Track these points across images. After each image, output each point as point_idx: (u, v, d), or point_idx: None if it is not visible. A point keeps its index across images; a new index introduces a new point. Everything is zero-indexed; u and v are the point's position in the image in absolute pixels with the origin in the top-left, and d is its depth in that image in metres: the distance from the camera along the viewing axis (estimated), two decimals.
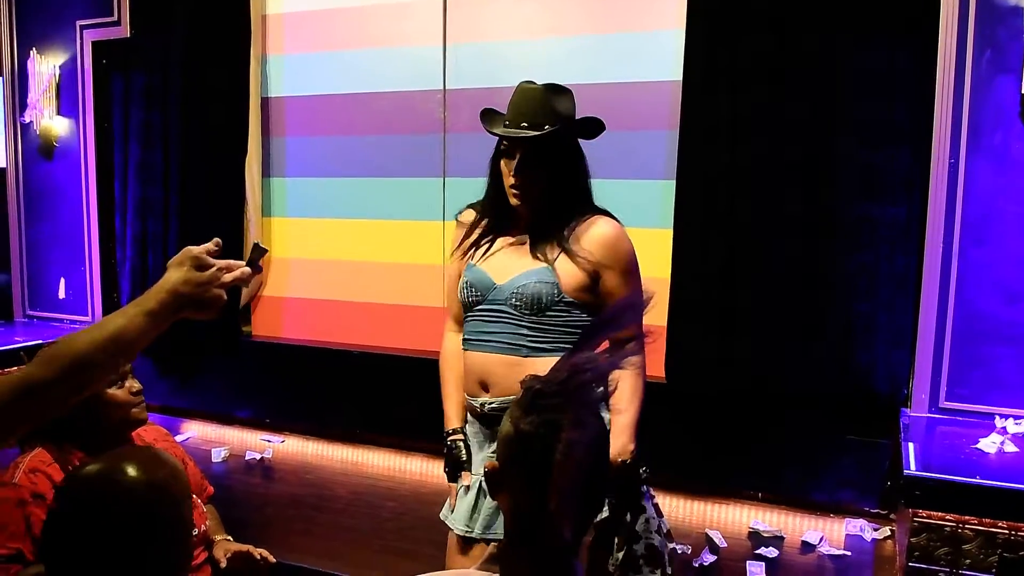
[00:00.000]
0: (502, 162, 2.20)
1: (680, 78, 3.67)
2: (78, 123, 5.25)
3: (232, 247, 4.74)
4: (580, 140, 2.22)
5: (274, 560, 2.34)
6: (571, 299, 2.16)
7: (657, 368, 3.64)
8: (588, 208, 2.25)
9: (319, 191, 4.77)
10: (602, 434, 1.29)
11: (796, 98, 3.46)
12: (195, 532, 2.23)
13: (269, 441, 4.60)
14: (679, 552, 3.24)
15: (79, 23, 5.15)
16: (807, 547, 3.33)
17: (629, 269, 2.21)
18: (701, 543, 3.35)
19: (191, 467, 2.47)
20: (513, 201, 2.18)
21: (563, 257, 2.16)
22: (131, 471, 1.31)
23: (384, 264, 4.61)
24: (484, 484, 2.07)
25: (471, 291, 2.23)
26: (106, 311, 5.22)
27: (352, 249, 4.70)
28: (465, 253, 2.29)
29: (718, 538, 3.37)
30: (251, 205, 4.82)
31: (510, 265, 2.21)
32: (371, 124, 4.57)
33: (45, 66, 5.25)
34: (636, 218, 3.89)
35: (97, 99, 5.19)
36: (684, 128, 3.65)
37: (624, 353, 1.30)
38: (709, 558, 3.22)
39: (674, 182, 3.71)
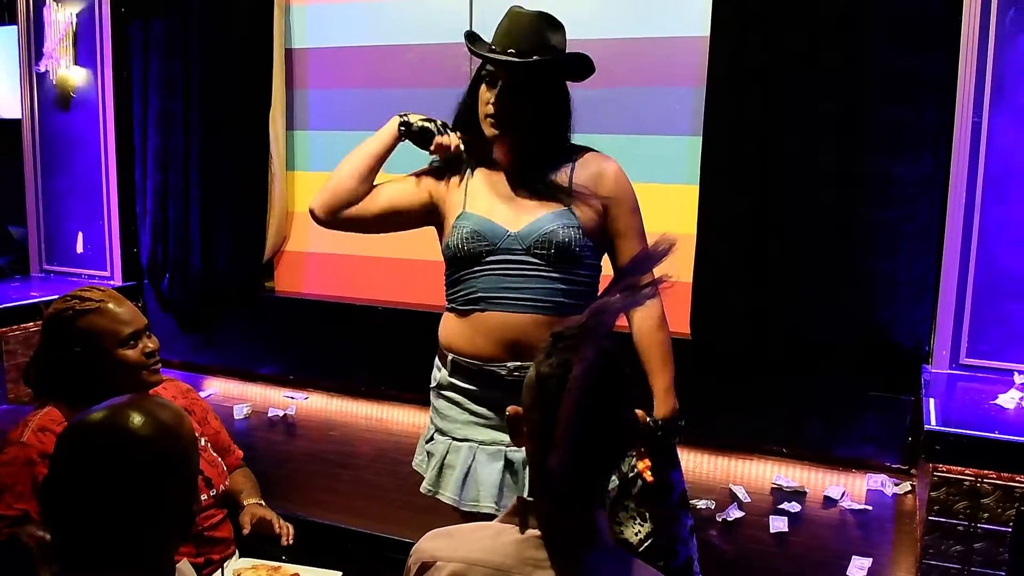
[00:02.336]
0: (482, 88, 2.16)
1: (707, 33, 3.89)
2: (96, 73, 5.39)
3: (257, 201, 4.99)
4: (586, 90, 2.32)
5: (292, 541, 2.39)
6: (591, 243, 2.17)
7: (682, 324, 3.91)
8: (575, 146, 2.25)
9: (343, 145, 4.80)
10: (618, 381, 1.33)
11: (823, 52, 3.67)
12: (213, 492, 2.33)
13: (292, 398, 4.82)
14: (703, 508, 3.50)
15: None
16: (829, 502, 3.61)
17: (636, 205, 2.25)
18: (725, 498, 3.62)
19: (215, 425, 2.54)
20: (488, 132, 2.15)
21: (576, 197, 2.15)
22: (134, 417, 1.31)
23: None
24: (478, 454, 2.22)
25: (477, 241, 2.16)
26: (125, 266, 5.45)
27: None
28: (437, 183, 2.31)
29: (742, 493, 3.65)
30: (275, 158, 4.99)
31: (515, 209, 2.18)
32: (396, 77, 4.73)
33: (62, 14, 5.40)
34: (662, 174, 4.17)
35: (115, 48, 5.32)
36: (711, 83, 3.88)
37: (642, 293, 1.40)
38: (735, 513, 3.49)
39: (700, 138, 3.95)
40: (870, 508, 3.55)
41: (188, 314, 5.25)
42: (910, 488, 3.67)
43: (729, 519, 3.46)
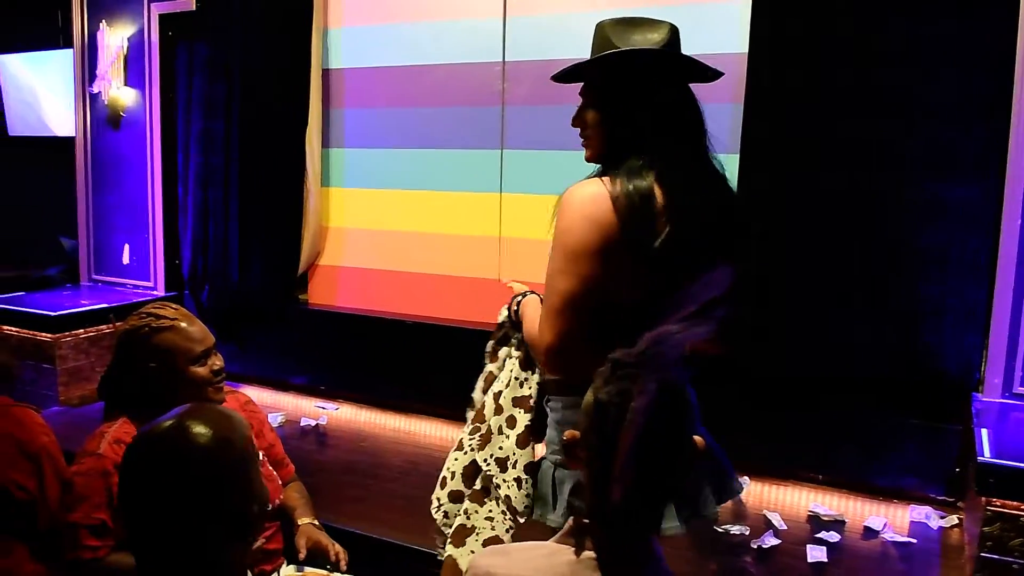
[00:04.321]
0: None
1: (745, 50, 3.40)
2: (144, 93, 5.13)
3: (293, 217, 4.66)
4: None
5: (346, 568, 2.22)
6: None
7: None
8: (624, 170, 1.69)
9: (377, 162, 4.60)
10: (680, 410, 1.19)
11: (867, 69, 3.17)
12: (268, 506, 2.14)
13: (324, 408, 4.46)
14: (736, 533, 3.03)
15: None
16: (870, 532, 3.07)
17: (556, 240, 1.68)
18: (759, 525, 3.11)
19: (270, 438, 2.40)
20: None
21: None
22: (197, 427, 1.28)
23: (440, 235, 4.42)
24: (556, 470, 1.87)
25: None
26: (167, 277, 5.18)
27: (409, 220, 4.52)
28: None
29: (777, 520, 3.13)
30: (311, 175, 4.67)
31: None
32: (430, 96, 4.37)
33: (114, 38, 5.16)
34: None
35: (163, 70, 5.07)
36: (749, 100, 3.38)
37: (702, 326, 1.17)
38: (770, 541, 2.98)
39: (737, 156, 3.44)
40: (914, 541, 2.99)
41: (226, 324, 4.89)
42: (957, 521, 3.10)
43: (764, 546, 2.95)
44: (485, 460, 1.96)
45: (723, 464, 1.89)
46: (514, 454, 1.92)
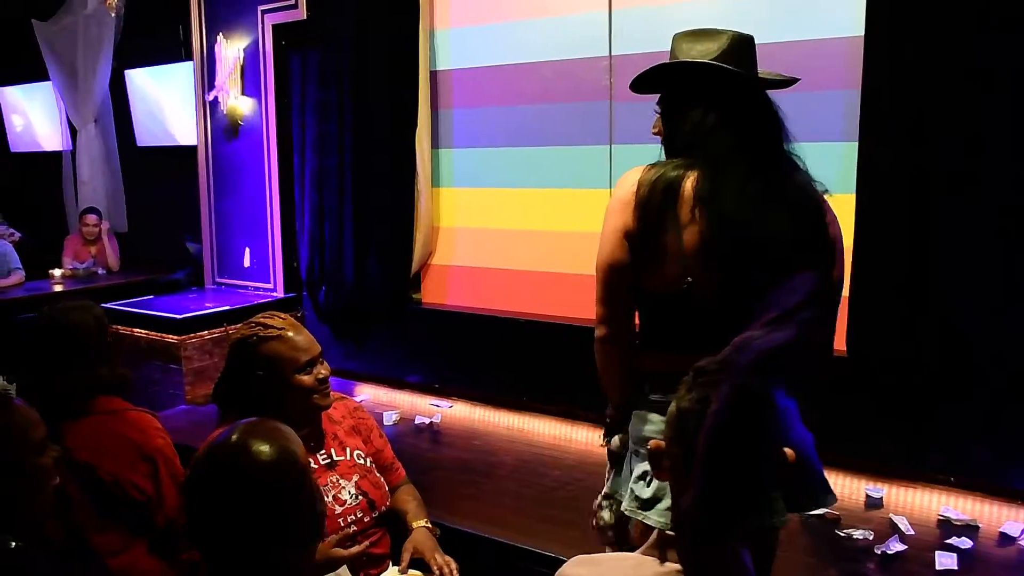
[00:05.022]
0: None
1: (861, 33, 3.29)
2: (260, 101, 5.34)
3: (405, 217, 4.76)
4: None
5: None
6: None
7: (838, 340, 3.29)
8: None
9: (486, 161, 4.66)
10: (759, 418, 1.16)
11: (989, 50, 3.00)
12: (375, 514, 2.24)
13: (438, 406, 4.54)
14: (859, 538, 2.94)
15: (260, 8, 5.25)
16: (1006, 539, 2.93)
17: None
18: (884, 529, 3.01)
19: (378, 444, 2.42)
20: None
21: None
22: (258, 445, 1.34)
23: (550, 233, 4.44)
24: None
25: None
26: (286, 279, 5.37)
27: (518, 218, 4.56)
28: None
29: (904, 525, 3.02)
30: (421, 176, 4.76)
31: None
32: (537, 93, 4.38)
33: (231, 50, 5.38)
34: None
35: (277, 78, 5.26)
36: (867, 86, 3.27)
37: (784, 330, 1.18)
38: (896, 546, 2.87)
39: (856, 144, 3.34)
40: None
41: (341, 323, 5.08)
42: None
43: (889, 552, 2.84)
44: None
45: (812, 474, 1.86)
46: None
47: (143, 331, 4.95)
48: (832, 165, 3.50)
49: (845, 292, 3.27)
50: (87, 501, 2.19)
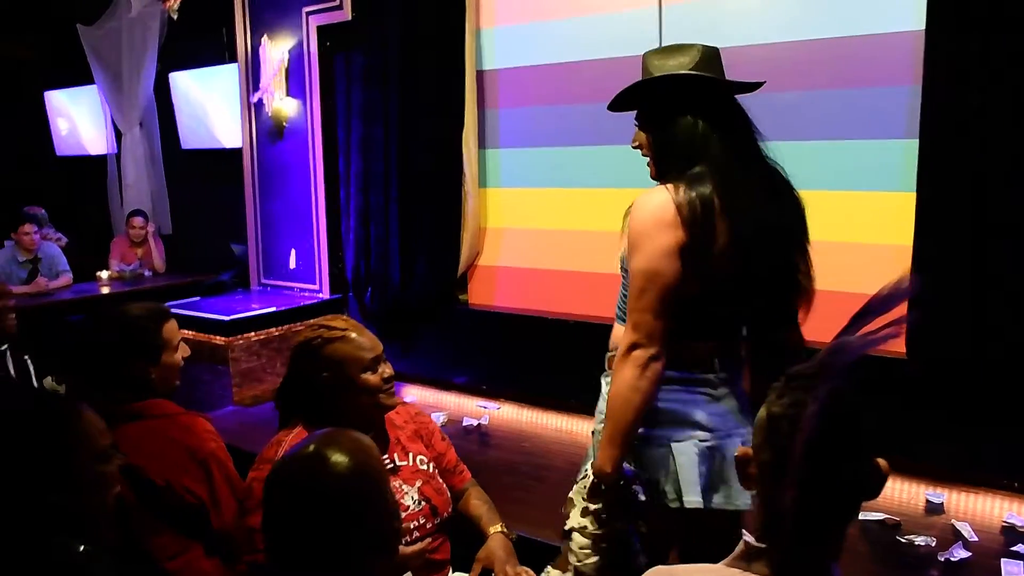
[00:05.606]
0: None
1: (922, 27, 3.26)
2: (305, 103, 5.40)
3: (452, 218, 4.78)
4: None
5: None
6: (625, 266, 2.02)
7: (897, 341, 3.26)
8: (676, 176, 1.92)
9: (533, 161, 4.68)
10: (855, 425, 1.16)
11: None
12: (437, 520, 2.24)
13: (485, 408, 4.56)
14: (921, 545, 2.90)
15: (305, 9, 5.31)
16: None
17: (633, 247, 1.91)
18: (947, 536, 2.98)
19: (440, 447, 2.41)
20: None
21: None
22: (336, 455, 1.37)
23: (598, 233, 4.43)
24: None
25: None
26: (332, 280, 5.43)
27: (566, 218, 4.58)
28: None
29: (967, 531, 2.99)
30: (468, 177, 4.79)
31: None
32: (584, 92, 4.38)
33: (275, 51, 5.46)
34: (872, 181, 3.58)
35: (322, 80, 5.32)
36: (928, 81, 3.24)
37: (881, 334, 1.16)
38: (959, 553, 2.84)
39: (916, 141, 3.31)
40: None
41: (388, 325, 5.10)
42: None
43: (953, 559, 2.81)
44: None
45: None
46: None
47: (190, 332, 5.03)
48: (892, 162, 3.48)
49: None
50: (142, 505, 2.19)
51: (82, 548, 1.51)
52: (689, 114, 1.92)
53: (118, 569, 1.72)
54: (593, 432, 2.11)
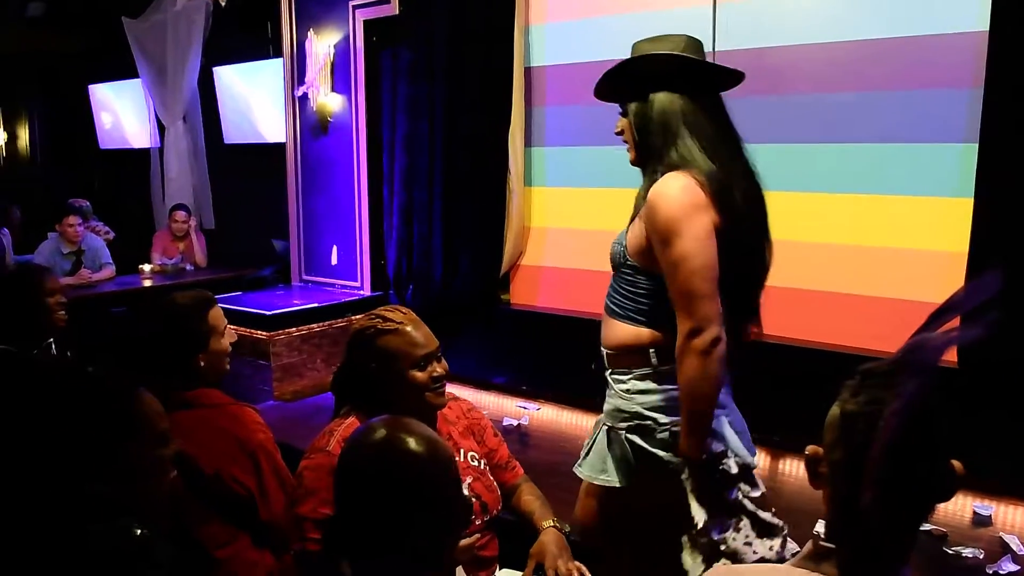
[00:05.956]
0: None
1: (986, 28, 3.23)
2: (350, 98, 5.44)
3: (496, 217, 4.79)
4: None
5: None
6: (633, 263, 2.09)
7: (949, 352, 3.22)
8: (666, 165, 2.01)
9: (580, 160, 4.67)
10: (936, 424, 1.15)
11: None
12: (487, 517, 2.23)
13: (525, 408, 4.56)
14: (969, 557, 2.87)
15: (351, 3, 5.35)
16: None
17: (666, 236, 1.93)
18: (995, 548, 2.94)
19: (492, 443, 2.41)
20: None
21: (637, 219, 2.08)
22: (408, 439, 1.38)
23: None
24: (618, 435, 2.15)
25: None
26: (373, 277, 5.46)
27: (612, 219, 4.49)
28: None
29: (1015, 544, 2.95)
30: (513, 175, 4.79)
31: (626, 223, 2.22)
32: None
33: (321, 46, 5.49)
34: (927, 186, 3.54)
35: (368, 75, 5.35)
36: (990, 84, 3.20)
37: (966, 331, 1.16)
38: (1008, 566, 2.80)
39: (976, 145, 3.28)
40: None
41: (429, 323, 5.01)
42: None
43: (1002, 572, 2.78)
44: None
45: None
46: None
47: (232, 327, 5.07)
48: (949, 167, 3.45)
49: None
50: (191, 494, 2.21)
51: (139, 531, 1.53)
52: (665, 90, 2.02)
53: (174, 555, 1.75)
54: (609, 428, 2.23)
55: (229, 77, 6.88)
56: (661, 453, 2.07)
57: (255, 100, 6.66)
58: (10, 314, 3.04)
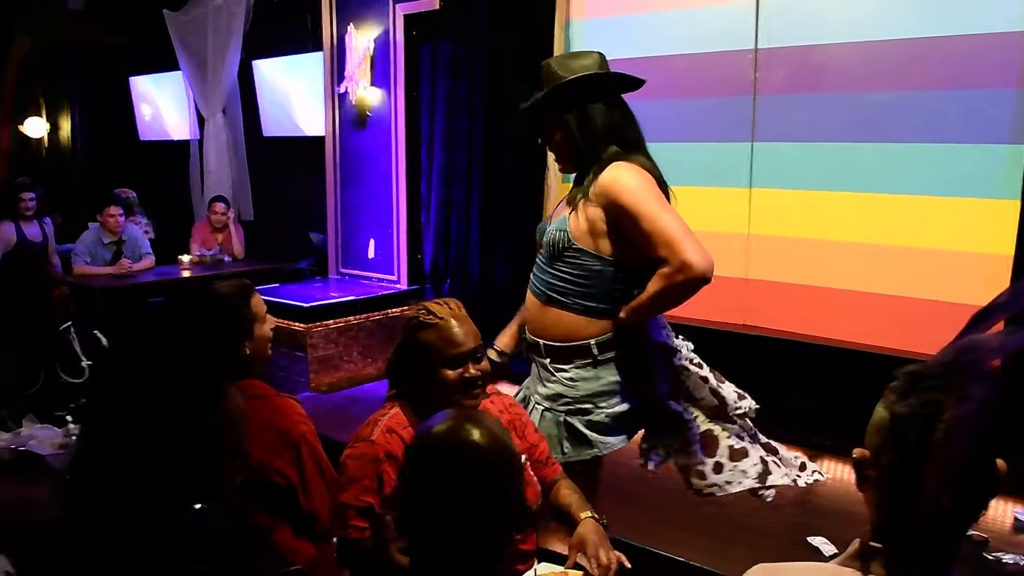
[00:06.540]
0: None
1: None
2: (389, 93, 5.49)
3: (533, 214, 4.81)
4: None
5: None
6: (580, 246, 2.33)
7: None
8: (615, 156, 2.34)
9: None
10: (994, 427, 1.12)
11: None
12: (527, 510, 2.20)
13: None
14: (1010, 562, 2.90)
15: None
16: None
17: (638, 209, 2.24)
18: None
19: (532, 439, 2.39)
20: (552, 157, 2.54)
21: (580, 205, 2.33)
22: (473, 431, 1.41)
23: None
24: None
25: (537, 235, 2.51)
26: (410, 271, 5.50)
27: None
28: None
29: None
30: (551, 172, 4.76)
31: (556, 214, 2.49)
32: (676, 87, 4.38)
33: (361, 40, 5.56)
34: (971, 187, 3.55)
35: (407, 70, 5.40)
36: None
37: (1019, 335, 1.13)
38: None
39: (1022, 147, 3.28)
40: None
41: None
42: None
43: None
44: None
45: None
46: None
47: (270, 318, 5.14)
48: (995, 168, 3.44)
49: None
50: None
51: (214, 513, 1.59)
52: (601, 102, 2.37)
53: (242, 536, 1.81)
54: (545, 409, 2.46)
55: (268, 70, 6.97)
56: (591, 434, 2.39)
57: (294, 93, 6.73)
58: (20, 311, 3.15)
